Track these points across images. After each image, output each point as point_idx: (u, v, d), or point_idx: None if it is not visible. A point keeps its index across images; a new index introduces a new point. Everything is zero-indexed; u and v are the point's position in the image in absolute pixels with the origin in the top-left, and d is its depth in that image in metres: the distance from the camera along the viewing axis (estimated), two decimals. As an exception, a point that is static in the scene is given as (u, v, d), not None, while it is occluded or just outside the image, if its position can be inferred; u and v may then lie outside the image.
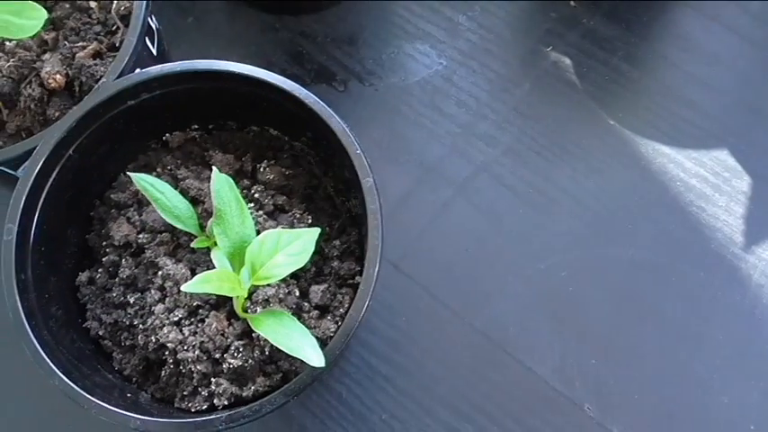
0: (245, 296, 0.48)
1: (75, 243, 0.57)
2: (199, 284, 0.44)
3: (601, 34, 0.79)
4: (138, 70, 0.58)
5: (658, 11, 0.81)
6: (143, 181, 0.52)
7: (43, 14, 0.51)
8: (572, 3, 0.81)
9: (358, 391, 0.67)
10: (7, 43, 0.59)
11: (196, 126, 0.59)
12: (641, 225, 0.71)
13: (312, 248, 0.47)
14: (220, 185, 0.47)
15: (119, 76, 0.55)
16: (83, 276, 0.56)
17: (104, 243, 0.56)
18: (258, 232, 0.48)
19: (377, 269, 0.48)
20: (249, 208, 0.50)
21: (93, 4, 0.60)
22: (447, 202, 0.74)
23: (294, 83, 0.52)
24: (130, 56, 0.55)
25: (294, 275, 0.49)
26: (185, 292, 0.51)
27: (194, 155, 0.59)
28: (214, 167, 0.47)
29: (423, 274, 0.71)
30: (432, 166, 0.75)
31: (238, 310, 0.49)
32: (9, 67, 0.57)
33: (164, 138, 0.59)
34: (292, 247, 0.47)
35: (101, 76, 0.56)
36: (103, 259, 0.55)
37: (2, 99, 0.58)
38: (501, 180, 0.74)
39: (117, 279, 0.54)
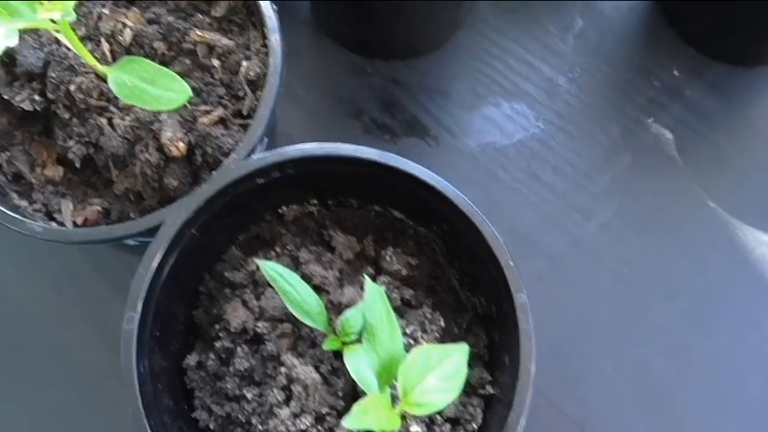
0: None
1: (182, 320, 0.54)
2: (359, 419, 0.40)
3: (703, 108, 0.76)
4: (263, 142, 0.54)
5: (762, 87, 0.78)
6: (272, 270, 0.48)
7: (185, 90, 0.47)
8: (675, 72, 0.78)
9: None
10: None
11: (315, 201, 0.56)
12: (739, 315, 0.70)
13: (465, 371, 0.44)
14: (373, 298, 0.44)
15: (249, 152, 0.51)
16: (191, 359, 0.52)
17: (217, 326, 0.52)
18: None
19: (529, 395, 0.45)
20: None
21: (216, 63, 0.55)
22: (540, 276, 0.71)
23: (447, 183, 0.49)
24: (264, 130, 0.51)
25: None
26: (312, 396, 0.48)
27: (311, 230, 0.56)
28: (367, 279, 0.44)
29: (511, 349, 0.69)
30: (525, 235, 0.73)
31: (375, 426, 0.46)
32: (124, 126, 0.53)
33: (279, 210, 0.56)
34: (443, 368, 0.44)
35: (229, 150, 0.52)
36: (216, 344, 0.52)
37: (113, 159, 0.54)
38: (596, 257, 0.72)
39: (231, 368, 0.51)
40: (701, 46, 0.77)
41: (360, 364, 0.47)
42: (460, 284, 0.55)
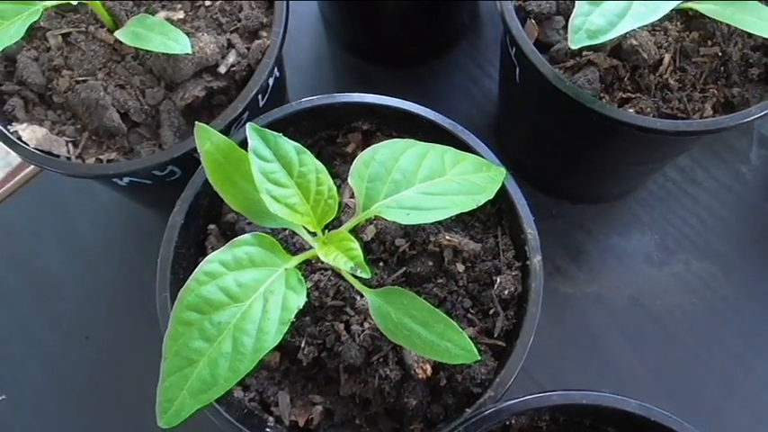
0: None
1: None
2: None
3: None
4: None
5: None
6: None
7: (472, 351, 0.42)
8: None
9: None
10: (358, 298, 0.51)
11: (547, 417, 0.53)
12: None
13: None
14: None
15: (505, 391, 0.48)
16: None
17: None
18: None
19: None
20: None
21: (460, 268, 0.52)
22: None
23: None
24: (521, 366, 0.48)
25: None
26: None
27: (536, 447, 0.53)
28: None
29: None
30: (707, 408, 0.70)
31: None
32: (363, 334, 0.50)
33: (507, 422, 0.53)
34: None
35: (481, 380, 0.49)
36: None
37: (346, 367, 0.51)
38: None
39: None
40: None
41: None
42: None
